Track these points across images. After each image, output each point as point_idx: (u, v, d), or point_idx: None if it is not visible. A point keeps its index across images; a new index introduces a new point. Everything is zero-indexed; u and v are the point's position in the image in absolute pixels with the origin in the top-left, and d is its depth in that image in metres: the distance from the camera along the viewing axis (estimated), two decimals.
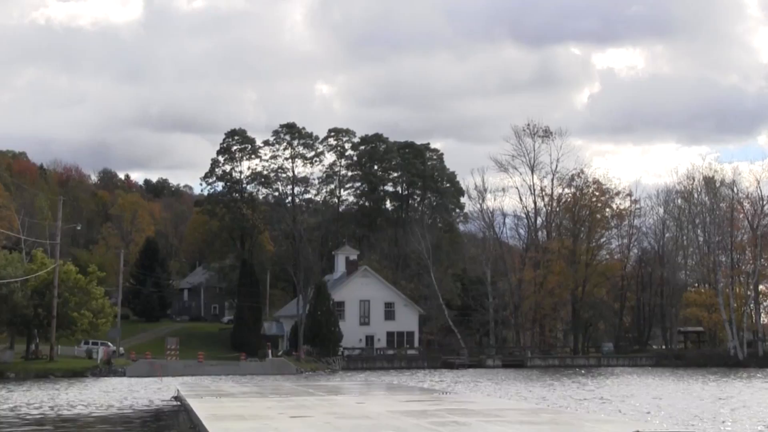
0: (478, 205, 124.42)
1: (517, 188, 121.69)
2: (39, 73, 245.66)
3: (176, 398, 33.44)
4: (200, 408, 22.42)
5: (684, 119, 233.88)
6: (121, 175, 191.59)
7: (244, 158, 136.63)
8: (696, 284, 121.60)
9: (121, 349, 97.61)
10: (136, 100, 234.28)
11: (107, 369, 79.98)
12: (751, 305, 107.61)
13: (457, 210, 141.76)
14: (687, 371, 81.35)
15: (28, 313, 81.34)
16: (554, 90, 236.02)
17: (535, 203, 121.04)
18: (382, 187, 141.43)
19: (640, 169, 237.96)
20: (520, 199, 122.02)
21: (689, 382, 60.29)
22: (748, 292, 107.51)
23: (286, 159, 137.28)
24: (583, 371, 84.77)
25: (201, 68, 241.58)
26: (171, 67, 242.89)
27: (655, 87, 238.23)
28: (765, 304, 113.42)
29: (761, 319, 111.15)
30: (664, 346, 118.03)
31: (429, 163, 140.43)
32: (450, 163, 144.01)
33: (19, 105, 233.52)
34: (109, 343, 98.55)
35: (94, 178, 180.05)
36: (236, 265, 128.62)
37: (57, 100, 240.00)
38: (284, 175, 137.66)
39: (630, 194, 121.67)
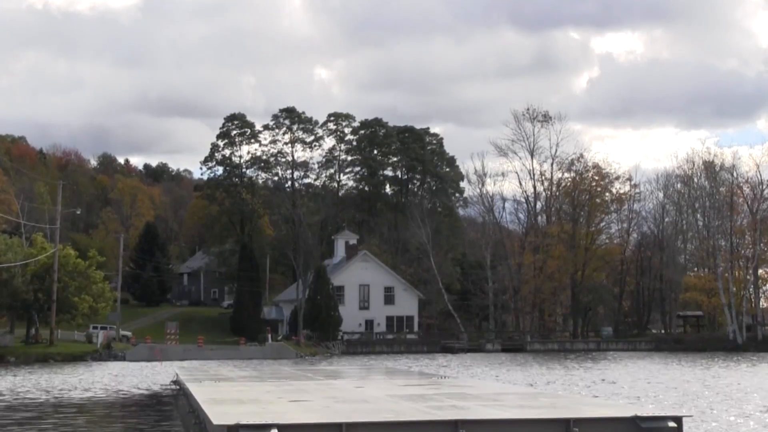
0: (478, 190, 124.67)
1: (516, 173, 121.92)
2: (37, 58, 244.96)
3: (175, 382, 33.49)
4: (199, 392, 22.43)
5: (683, 103, 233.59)
6: (121, 160, 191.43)
7: (244, 143, 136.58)
8: (695, 269, 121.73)
9: (129, 333, 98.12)
10: (135, 84, 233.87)
11: (107, 353, 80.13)
12: (751, 289, 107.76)
13: (457, 194, 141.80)
14: (686, 355, 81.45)
15: (28, 297, 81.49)
16: (553, 74, 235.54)
17: (534, 188, 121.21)
18: (381, 172, 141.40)
19: (639, 154, 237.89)
20: (520, 184, 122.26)
21: (688, 366, 60.39)
22: (748, 277, 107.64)
23: (286, 143, 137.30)
24: (581, 355, 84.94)
25: (199, 53, 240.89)
26: (169, 51, 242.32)
27: (654, 71, 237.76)
28: (764, 288, 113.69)
29: (760, 304, 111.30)
30: (663, 331, 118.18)
31: (428, 148, 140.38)
32: (449, 148, 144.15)
33: (18, 89, 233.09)
34: (119, 329, 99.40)
35: (93, 162, 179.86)
36: (236, 249, 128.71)
37: (56, 85, 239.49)
38: (284, 160, 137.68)
39: (630, 179, 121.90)
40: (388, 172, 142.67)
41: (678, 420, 16.03)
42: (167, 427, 23.71)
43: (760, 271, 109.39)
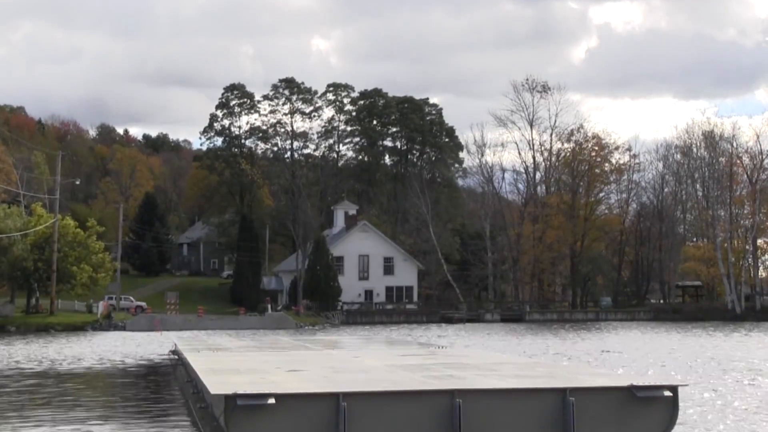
0: (477, 160, 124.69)
1: (516, 143, 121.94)
2: (35, 28, 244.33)
3: (173, 352, 33.59)
4: (196, 361, 22.47)
5: (681, 74, 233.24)
6: (120, 130, 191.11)
7: (243, 113, 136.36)
8: (694, 239, 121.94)
9: (144, 304, 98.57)
10: (133, 55, 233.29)
11: (107, 323, 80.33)
12: (749, 259, 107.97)
13: (456, 165, 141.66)
14: (685, 325, 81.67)
15: (28, 266, 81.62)
16: (551, 45, 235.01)
17: (534, 158, 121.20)
18: (381, 142, 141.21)
19: (638, 124, 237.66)
20: (519, 154, 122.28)
21: (686, 336, 60.57)
22: (747, 247, 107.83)
23: (285, 114, 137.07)
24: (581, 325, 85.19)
25: (198, 23, 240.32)
26: (167, 21, 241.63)
27: (652, 41, 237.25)
28: (763, 258, 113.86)
29: (759, 274, 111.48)
30: (662, 301, 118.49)
31: (428, 118, 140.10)
32: (448, 118, 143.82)
33: (16, 59, 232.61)
34: (132, 299, 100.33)
35: (92, 132, 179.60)
36: (235, 219, 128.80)
37: (53, 55, 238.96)
38: (283, 130, 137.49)
39: (629, 149, 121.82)
40: (388, 143, 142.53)
41: (674, 389, 16.09)
42: (165, 397, 23.80)
43: (759, 241, 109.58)
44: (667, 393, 15.91)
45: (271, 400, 14.73)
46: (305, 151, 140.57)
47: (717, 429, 17.22)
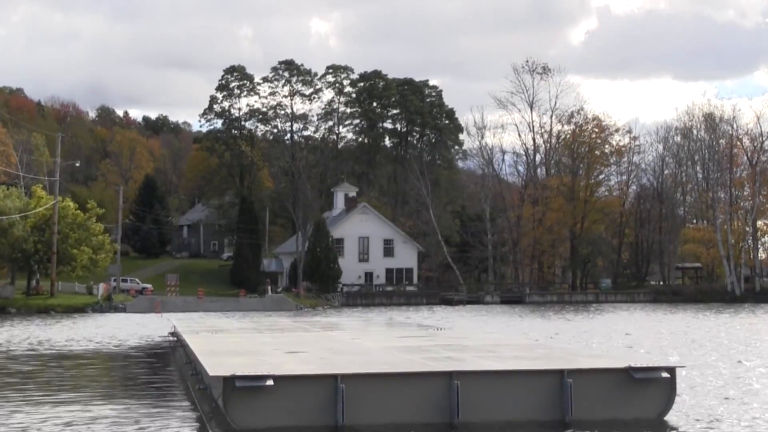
0: (477, 142, 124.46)
1: (516, 125, 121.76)
2: (34, 9, 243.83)
3: (173, 334, 33.69)
4: (195, 343, 22.56)
5: (680, 55, 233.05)
6: (120, 112, 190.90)
7: (243, 95, 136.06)
8: (694, 221, 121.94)
9: (150, 286, 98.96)
10: (132, 37, 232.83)
11: (107, 305, 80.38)
12: (749, 241, 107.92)
13: (456, 147, 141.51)
14: (684, 307, 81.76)
15: (28, 248, 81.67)
16: (551, 26, 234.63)
17: (534, 140, 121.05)
18: (380, 124, 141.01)
19: (637, 106, 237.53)
20: (519, 136, 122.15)
21: (685, 317, 60.64)
22: (746, 228, 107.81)
23: (285, 96, 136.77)
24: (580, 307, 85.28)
25: (196, 5, 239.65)
26: (166, 3, 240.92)
27: (651, 23, 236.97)
28: (763, 240, 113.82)
29: (759, 255, 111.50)
30: (661, 282, 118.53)
31: (428, 100, 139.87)
32: (448, 100, 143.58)
33: (14, 41, 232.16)
34: (138, 281, 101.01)
35: (92, 114, 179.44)
36: (235, 201, 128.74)
37: (52, 37, 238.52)
38: (283, 112, 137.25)
39: (629, 131, 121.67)
40: (388, 125, 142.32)
41: (671, 371, 16.18)
42: (164, 379, 23.87)
43: (758, 222, 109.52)
44: (665, 374, 16.01)
45: (270, 382, 14.81)
46: (305, 133, 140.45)
47: (714, 409, 17.27)
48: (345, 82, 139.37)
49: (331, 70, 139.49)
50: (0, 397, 20.13)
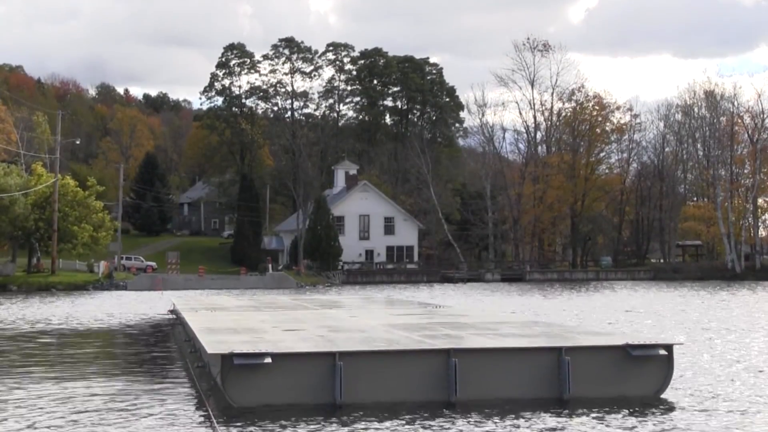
0: (478, 120, 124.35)
1: (516, 103, 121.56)
2: None
3: (172, 312, 33.77)
4: (194, 321, 22.62)
5: (680, 32, 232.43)
6: (120, 90, 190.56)
7: (243, 73, 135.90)
8: (695, 198, 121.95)
9: (154, 264, 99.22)
10: (132, 14, 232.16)
11: (108, 283, 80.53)
12: (750, 219, 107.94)
13: (457, 125, 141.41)
14: (684, 284, 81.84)
15: (28, 226, 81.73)
16: (550, 3, 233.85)
17: (534, 118, 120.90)
18: (381, 102, 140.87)
19: (638, 83, 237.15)
20: (520, 114, 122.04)
21: (684, 294, 60.72)
22: (747, 206, 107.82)
23: (285, 74, 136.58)
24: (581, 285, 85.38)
25: None
26: None
27: (650, 0, 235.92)
28: (763, 217, 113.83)
29: (759, 233, 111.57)
30: (662, 260, 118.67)
31: (428, 78, 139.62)
32: (448, 78, 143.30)
33: (14, 18, 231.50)
34: (142, 259, 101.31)
35: (92, 92, 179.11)
36: (236, 179, 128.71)
37: (52, 14, 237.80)
38: (283, 90, 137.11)
39: (630, 109, 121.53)
40: (388, 102, 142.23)
41: (668, 348, 16.21)
42: (164, 356, 23.94)
43: (759, 200, 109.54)
44: (662, 351, 16.04)
45: (268, 360, 14.84)
46: (306, 111, 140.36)
47: (711, 386, 17.31)
48: (345, 60, 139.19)
49: (331, 48, 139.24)
50: (0, 373, 20.20)
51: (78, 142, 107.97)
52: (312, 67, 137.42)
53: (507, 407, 14.66)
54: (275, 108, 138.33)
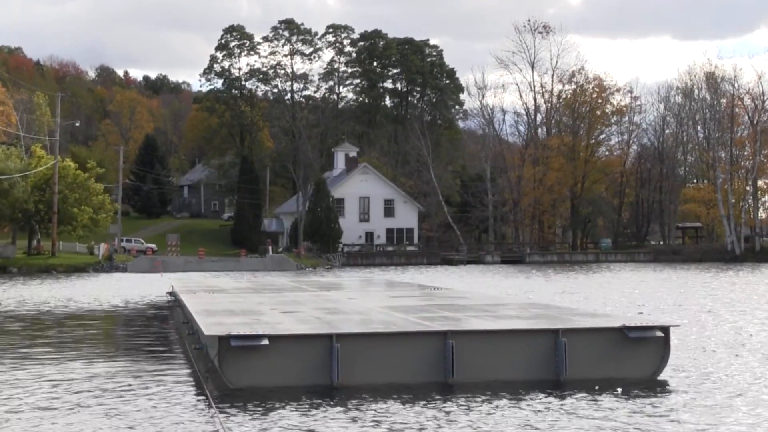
0: (478, 102, 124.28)
1: (516, 85, 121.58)
2: None
3: (171, 294, 33.82)
4: (192, 303, 22.64)
5: (679, 14, 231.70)
6: (119, 72, 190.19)
7: (243, 54, 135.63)
8: (695, 180, 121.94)
9: (154, 246, 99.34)
10: None
11: (109, 265, 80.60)
12: (750, 201, 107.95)
13: (457, 107, 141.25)
14: (683, 266, 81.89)
15: (28, 208, 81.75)
16: None
17: (535, 100, 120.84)
18: (381, 84, 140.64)
19: (637, 65, 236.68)
20: (520, 96, 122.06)
21: (684, 276, 60.78)
22: (747, 188, 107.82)
23: (285, 55, 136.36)
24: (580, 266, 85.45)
25: None
26: None
27: None
28: (763, 199, 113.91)
29: (759, 215, 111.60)
30: (662, 242, 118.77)
31: (428, 60, 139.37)
32: (448, 60, 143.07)
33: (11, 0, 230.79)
34: (142, 241, 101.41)
35: (91, 74, 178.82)
36: (236, 161, 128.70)
37: None
38: (283, 72, 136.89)
39: (630, 91, 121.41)
40: (388, 84, 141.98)
41: (665, 330, 16.23)
42: (162, 338, 23.99)
43: (759, 182, 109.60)
44: (659, 333, 16.07)
45: (265, 342, 14.87)
46: (305, 93, 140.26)
47: (707, 368, 17.36)
48: (345, 42, 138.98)
49: (331, 30, 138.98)
50: (0, 354, 20.29)
51: (78, 124, 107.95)
52: (312, 49, 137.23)
53: (504, 389, 14.70)
54: (275, 90, 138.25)
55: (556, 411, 13.31)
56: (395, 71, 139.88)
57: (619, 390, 14.73)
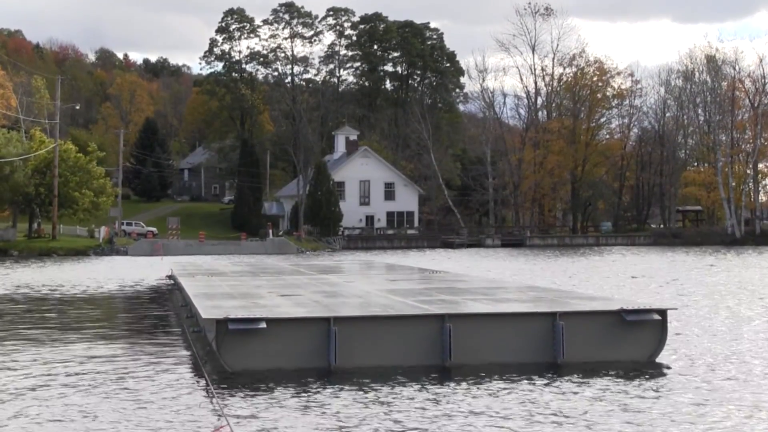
0: (479, 85, 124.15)
1: (517, 68, 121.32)
2: None
3: (170, 277, 33.88)
4: (191, 286, 22.71)
5: None
6: (119, 55, 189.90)
7: (243, 37, 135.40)
8: (695, 163, 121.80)
9: (153, 229, 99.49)
10: None
11: (109, 248, 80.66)
12: (750, 184, 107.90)
13: (457, 90, 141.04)
14: (683, 249, 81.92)
15: (29, 191, 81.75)
16: None
17: (535, 83, 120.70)
18: (381, 67, 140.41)
19: (637, 48, 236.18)
20: (521, 79, 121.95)
21: (684, 259, 60.83)
22: (747, 171, 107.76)
23: (285, 38, 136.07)
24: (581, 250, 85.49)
25: None
26: None
27: None
28: (763, 183, 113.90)
29: (759, 198, 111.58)
30: (662, 225, 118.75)
31: (429, 43, 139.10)
32: (449, 43, 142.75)
33: None
34: (143, 224, 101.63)
35: (91, 57, 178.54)
36: (236, 145, 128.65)
37: None
38: (283, 55, 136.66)
39: (631, 74, 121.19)
40: (389, 68, 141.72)
41: (662, 313, 16.27)
42: (161, 321, 24.05)
43: (759, 165, 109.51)
44: (656, 316, 16.12)
45: (263, 325, 14.92)
46: (306, 76, 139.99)
47: (704, 351, 17.41)
48: (345, 25, 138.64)
49: (331, 13, 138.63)
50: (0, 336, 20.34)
51: (78, 107, 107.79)
52: (312, 32, 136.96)
53: (501, 372, 14.74)
54: (275, 73, 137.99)
55: (553, 393, 13.36)
56: (396, 54, 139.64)
57: (617, 372, 14.78)
